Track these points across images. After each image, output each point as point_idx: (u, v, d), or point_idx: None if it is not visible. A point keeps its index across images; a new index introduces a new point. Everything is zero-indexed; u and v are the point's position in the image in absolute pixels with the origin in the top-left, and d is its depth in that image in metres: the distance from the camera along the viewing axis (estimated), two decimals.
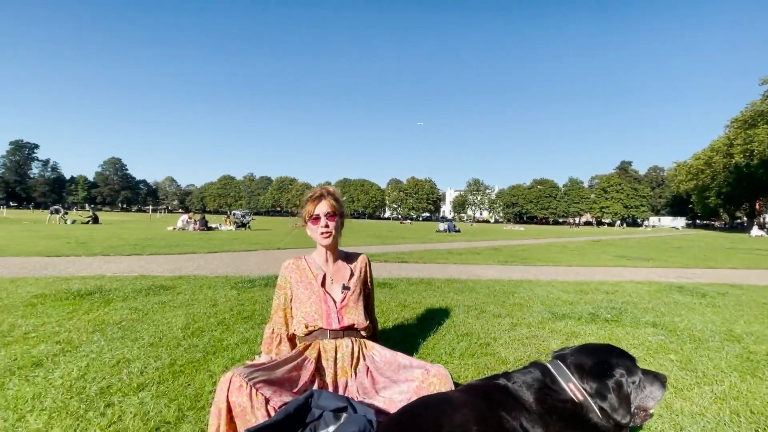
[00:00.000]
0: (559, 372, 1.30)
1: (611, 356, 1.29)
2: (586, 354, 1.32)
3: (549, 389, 1.27)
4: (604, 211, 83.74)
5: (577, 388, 1.25)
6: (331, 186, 1.88)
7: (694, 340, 2.83)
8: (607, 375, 1.23)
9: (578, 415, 1.21)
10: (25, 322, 2.82)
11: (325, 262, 1.86)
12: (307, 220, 1.79)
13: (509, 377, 1.35)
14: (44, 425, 1.53)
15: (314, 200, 1.78)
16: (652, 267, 7.84)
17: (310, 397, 1.35)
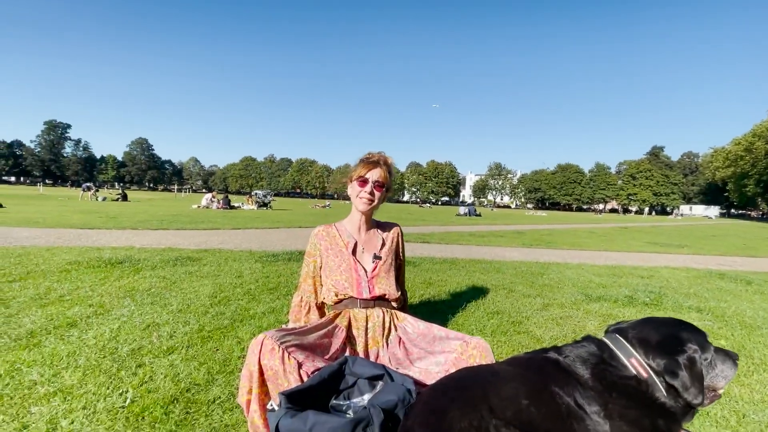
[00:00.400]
0: (619, 346, 1.18)
1: (681, 330, 1.16)
2: (651, 327, 1.19)
3: (607, 365, 1.16)
4: (632, 198, 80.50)
5: (641, 364, 1.13)
6: (390, 157, 1.78)
7: (745, 327, 2.63)
8: (678, 351, 1.11)
9: (643, 393, 1.10)
10: (60, 286, 2.88)
11: (357, 230, 1.78)
12: (354, 179, 1.71)
13: (560, 351, 1.24)
14: (78, 381, 1.54)
15: (369, 164, 1.70)
16: (688, 254, 7.46)
17: (344, 363, 1.29)
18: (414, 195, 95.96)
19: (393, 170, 1.77)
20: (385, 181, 1.71)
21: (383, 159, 1.73)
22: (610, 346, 1.20)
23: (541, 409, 1.06)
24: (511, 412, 1.01)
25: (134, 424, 1.28)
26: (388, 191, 1.76)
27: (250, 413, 1.23)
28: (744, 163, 51.33)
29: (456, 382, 1.11)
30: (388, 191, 1.76)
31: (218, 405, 1.42)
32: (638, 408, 1.08)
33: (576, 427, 1.08)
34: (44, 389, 1.46)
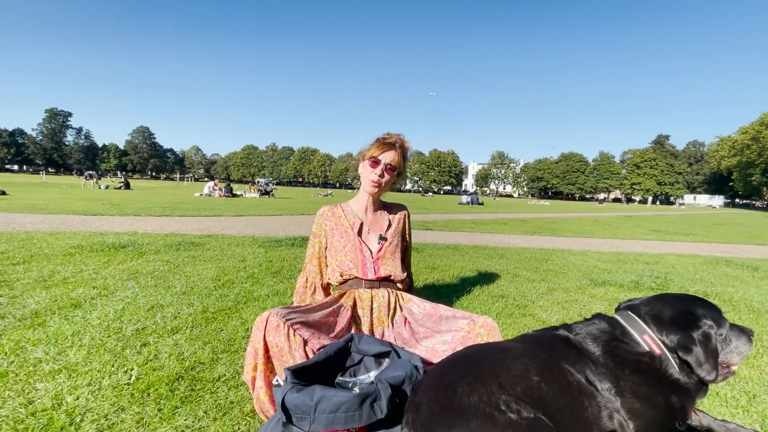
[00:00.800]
0: (631, 323, 1.16)
1: (695, 306, 1.13)
2: (664, 303, 1.17)
3: (619, 341, 1.13)
4: (635, 187, 79.88)
5: (654, 341, 1.10)
6: (408, 141, 1.72)
7: (753, 311, 2.60)
8: (692, 326, 1.08)
9: (656, 370, 1.08)
10: (64, 269, 2.88)
11: (363, 210, 1.75)
12: (366, 158, 1.65)
13: (570, 329, 1.22)
14: (83, 359, 1.53)
15: (384, 145, 1.64)
16: (693, 242, 7.41)
17: (350, 340, 1.27)
18: (416, 184, 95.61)
19: (408, 154, 1.72)
20: (397, 165, 1.65)
21: (400, 142, 1.67)
22: (622, 323, 1.18)
23: (552, 385, 1.04)
24: (521, 388, 0.99)
25: (139, 400, 1.27)
26: (399, 176, 1.71)
27: (256, 390, 1.22)
28: (750, 153, 50.75)
29: (465, 358, 1.09)
30: (400, 176, 1.72)
31: (223, 383, 1.41)
32: (651, 385, 1.06)
33: (587, 403, 1.06)
34: (49, 367, 1.46)
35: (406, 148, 1.70)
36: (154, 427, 1.13)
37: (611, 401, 1.07)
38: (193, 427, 1.14)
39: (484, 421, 0.87)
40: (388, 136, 1.69)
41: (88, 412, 1.19)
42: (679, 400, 1.08)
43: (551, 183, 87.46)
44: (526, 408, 0.94)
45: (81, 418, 1.16)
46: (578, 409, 1.04)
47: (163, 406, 1.24)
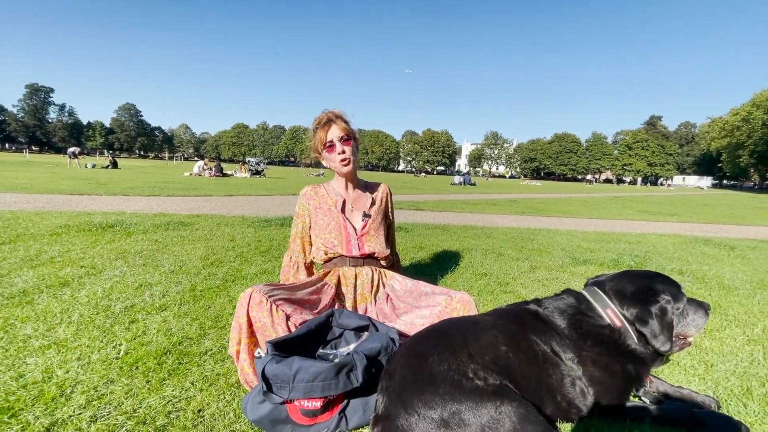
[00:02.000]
0: (596, 298, 1.23)
1: (655, 281, 1.20)
2: (628, 280, 1.23)
3: (584, 315, 1.20)
4: (626, 168, 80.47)
5: (615, 314, 1.17)
6: (336, 109, 1.69)
7: (723, 288, 2.72)
8: (651, 300, 1.15)
9: (615, 341, 1.15)
10: (51, 249, 2.88)
11: (344, 188, 1.76)
12: (322, 149, 1.65)
13: (540, 303, 1.29)
14: (72, 335, 1.57)
15: (324, 126, 1.63)
16: (677, 222, 7.58)
17: (330, 315, 1.32)
18: (410, 164, 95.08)
19: (348, 117, 1.69)
20: (348, 133, 1.64)
21: (332, 113, 1.66)
22: (588, 297, 1.24)
23: (519, 355, 1.10)
24: (490, 358, 1.06)
25: (128, 373, 1.32)
26: (356, 141, 1.70)
27: (240, 362, 1.27)
28: (740, 134, 51.18)
29: (438, 330, 1.15)
30: (357, 140, 1.71)
31: (210, 356, 1.46)
32: (610, 355, 1.14)
33: (552, 371, 1.13)
34: (38, 342, 1.50)
35: (339, 114, 1.67)
36: (143, 398, 1.18)
37: (574, 370, 1.14)
38: (180, 397, 1.19)
39: (452, 388, 0.94)
40: (319, 118, 1.67)
41: (78, 384, 1.24)
42: (635, 368, 1.16)
43: (544, 164, 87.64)
44: (492, 375, 1.00)
45: (71, 389, 1.21)
46: (543, 377, 1.11)
47: (151, 378, 1.29)
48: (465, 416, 0.89)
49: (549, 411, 1.10)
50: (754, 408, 1.26)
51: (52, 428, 1.03)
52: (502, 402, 0.92)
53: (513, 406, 0.91)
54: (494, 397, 0.93)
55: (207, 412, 1.13)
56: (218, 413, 1.13)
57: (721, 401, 1.28)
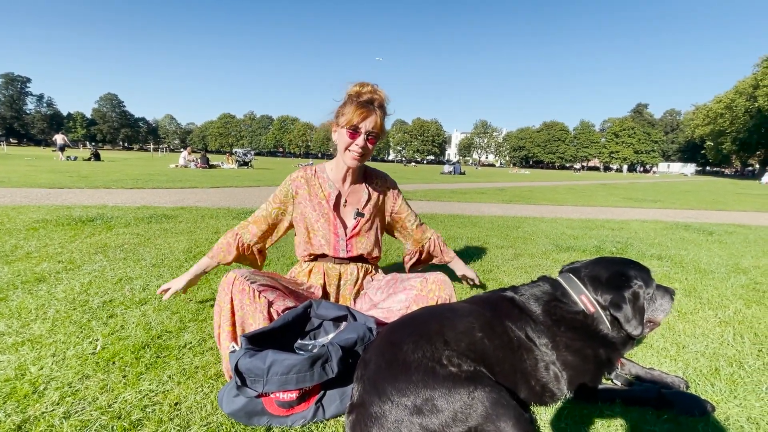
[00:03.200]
0: (571, 284, 1.25)
1: (628, 268, 1.23)
2: (602, 266, 1.26)
3: (558, 301, 1.22)
4: (614, 156, 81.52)
5: (589, 300, 1.20)
6: (383, 91, 1.47)
7: (699, 272, 2.80)
8: (624, 286, 1.18)
9: (588, 326, 1.18)
10: (28, 244, 2.81)
11: (341, 180, 1.57)
12: (343, 125, 1.42)
13: (516, 290, 1.31)
14: (48, 332, 1.54)
15: (363, 109, 1.39)
16: (660, 208, 7.74)
17: (308, 307, 1.32)
18: (399, 154, 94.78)
19: (386, 112, 1.50)
20: (379, 131, 1.44)
21: (378, 99, 1.44)
22: (563, 284, 1.26)
23: (494, 341, 1.12)
24: (465, 344, 1.07)
25: (104, 368, 1.30)
26: (381, 140, 1.53)
27: (222, 348, 1.27)
28: (723, 121, 52.13)
29: (414, 318, 1.16)
30: (382, 140, 1.54)
31: (189, 349, 1.45)
32: (582, 340, 1.16)
33: (526, 357, 1.15)
34: (12, 339, 1.47)
35: (385, 107, 1.47)
36: (119, 392, 1.17)
37: (548, 355, 1.17)
38: (156, 391, 1.18)
39: (426, 375, 0.95)
40: (361, 89, 1.44)
41: (51, 380, 1.22)
42: (607, 353, 1.19)
43: (532, 152, 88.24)
44: (467, 362, 1.02)
45: (45, 386, 1.19)
46: (517, 362, 1.13)
47: (127, 373, 1.28)
48: (438, 402, 0.90)
49: (523, 395, 1.13)
50: (720, 387, 1.30)
51: (23, 425, 1.02)
52: (475, 387, 0.93)
53: (486, 391, 0.93)
54: (467, 383, 0.94)
55: (184, 405, 1.13)
56: (195, 406, 1.12)
57: (690, 381, 1.32)
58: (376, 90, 1.46)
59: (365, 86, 1.45)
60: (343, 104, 1.45)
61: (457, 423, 0.89)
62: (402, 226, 1.78)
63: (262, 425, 1.04)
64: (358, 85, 1.46)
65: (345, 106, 1.43)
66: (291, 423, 1.05)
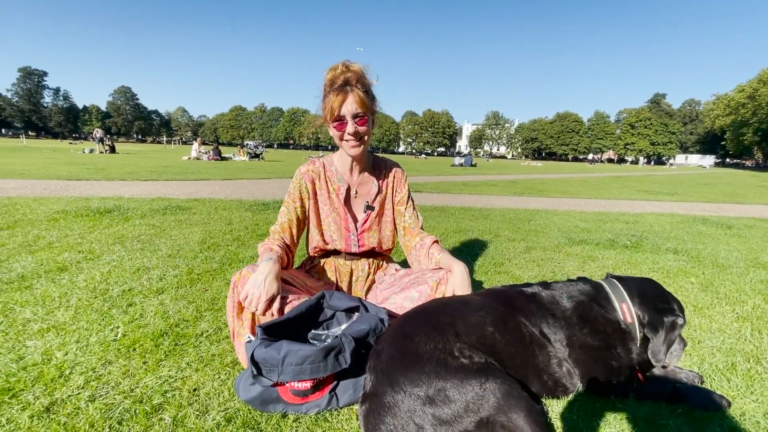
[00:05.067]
0: (614, 290, 1.22)
1: (674, 299, 1.21)
2: (651, 286, 1.24)
3: (595, 302, 1.20)
4: (629, 147, 79.61)
5: (629, 311, 1.17)
6: (355, 64, 1.35)
7: (717, 266, 2.74)
8: (667, 312, 1.15)
9: (617, 335, 1.16)
10: (49, 234, 2.90)
11: (348, 171, 1.53)
12: (330, 120, 1.36)
13: (548, 286, 1.29)
14: (71, 319, 1.60)
15: (337, 92, 1.31)
16: (676, 201, 7.56)
17: (321, 298, 1.34)
18: (410, 146, 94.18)
19: (368, 83, 1.38)
20: (364, 109, 1.33)
21: (353, 76, 1.32)
22: (606, 287, 1.24)
23: (505, 335, 1.12)
24: (476, 338, 1.07)
25: (125, 354, 1.35)
26: (373, 115, 1.42)
27: (236, 341, 1.29)
28: (745, 111, 50.37)
29: (426, 310, 1.17)
30: (374, 115, 1.43)
31: (205, 338, 1.49)
32: (605, 345, 1.15)
33: (538, 352, 1.15)
34: (38, 326, 1.52)
35: (363, 79, 1.35)
36: (140, 378, 1.21)
37: (561, 351, 1.16)
38: (176, 377, 1.22)
39: (438, 366, 0.96)
40: (334, 74, 1.34)
41: (76, 365, 1.27)
42: (626, 365, 1.17)
43: (545, 144, 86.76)
44: (478, 354, 1.02)
45: (70, 371, 1.24)
46: (528, 357, 1.13)
47: (148, 359, 1.32)
48: (450, 393, 0.91)
49: (535, 389, 1.13)
50: (737, 382, 1.28)
51: (51, 408, 1.06)
52: (486, 379, 0.94)
53: (498, 382, 0.94)
54: (479, 375, 0.95)
55: (202, 390, 1.16)
56: (213, 392, 1.16)
57: (705, 377, 1.31)
58: (349, 67, 1.34)
59: (336, 68, 1.34)
60: (323, 97, 1.38)
61: (469, 413, 0.90)
62: (398, 219, 1.65)
63: (277, 412, 1.06)
64: (330, 70, 1.36)
65: (325, 99, 1.37)
66: (306, 410, 1.07)
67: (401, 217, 1.64)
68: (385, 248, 1.62)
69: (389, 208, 1.62)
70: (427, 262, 1.53)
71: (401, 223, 1.64)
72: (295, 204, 1.53)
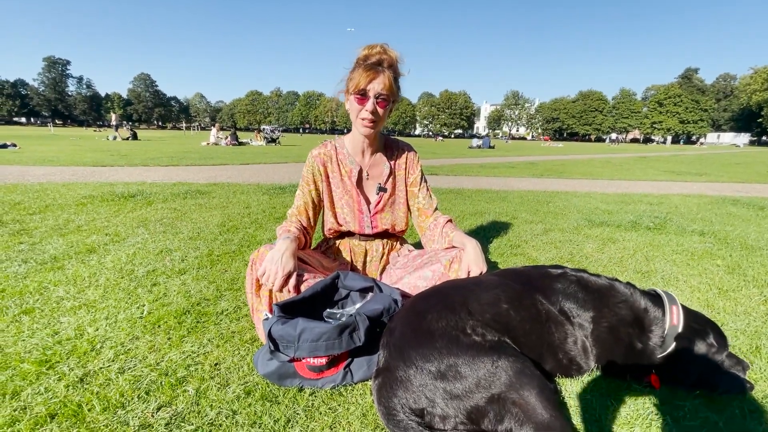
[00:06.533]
0: (668, 296, 1.18)
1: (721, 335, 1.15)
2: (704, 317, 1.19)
3: (643, 292, 1.18)
4: (656, 126, 76.12)
5: (678, 315, 1.12)
6: (393, 50, 1.37)
7: (746, 248, 2.63)
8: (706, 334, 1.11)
9: (652, 324, 1.12)
10: (78, 218, 3.03)
11: (360, 153, 1.54)
12: (352, 92, 1.36)
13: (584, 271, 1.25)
14: (100, 297, 1.68)
15: (369, 70, 1.32)
16: (706, 182, 7.25)
17: (336, 278, 1.36)
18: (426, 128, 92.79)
19: (399, 72, 1.40)
20: (389, 92, 1.35)
21: (388, 59, 1.35)
22: (659, 290, 1.21)
23: (520, 312, 1.12)
24: (490, 315, 1.08)
25: (151, 330, 1.42)
26: (394, 102, 1.43)
27: (255, 317, 1.34)
28: None
29: (439, 290, 1.17)
30: (395, 102, 1.43)
31: (225, 316, 1.54)
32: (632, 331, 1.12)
33: (554, 330, 1.14)
34: (70, 303, 1.61)
35: (396, 67, 1.38)
36: (165, 352, 1.27)
37: (582, 328, 1.14)
38: (198, 352, 1.28)
39: (450, 342, 0.97)
40: (369, 52, 1.36)
41: (106, 340, 1.34)
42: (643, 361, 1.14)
43: (567, 123, 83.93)
44: (491, 332, 1.03)
45: (101, 345, 1.31)
46: (544, 334, 1.13)
47: (172, 336, 1.38)
48: (462, 369, 0.92)
49: (549, 367, 1.13)
50: (760, 365, 1.25)
51: (85, 378, 1.13)
52: (499, 357, 0.94)
53: (510, 360, 0.94)
54: (491, 352, 0.95)
55: (223, 365, 1.21)
56: (233, 367, 1.21)
57: None
58: (386, 50, 1.36)
59: (374, 47, 1.36)
60: (351, 70, 1.39)
61: (480, 389, 0.91)
62: (411, 201, 1.66)
63: (294, 386, 1.10)
64: (367, 47, 1.36)
65: (353, 72, 1.37)
66: (321, 385, 1.11)
67: (415, 199, 1.64)
68: (399, 229, 1.64)
69: (402, 189, 1.62)
70: (441, 240, 1.54)
71: (415, 204, 1.64)
72: (309, 187, 1.55)
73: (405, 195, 1.63)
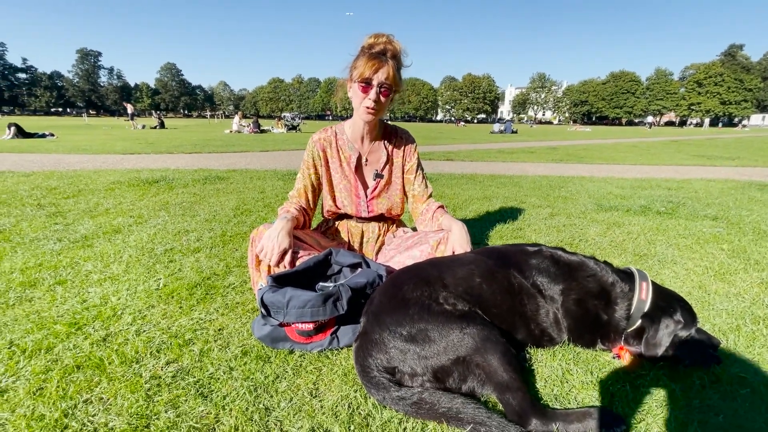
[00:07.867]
0: (641, 273, 1.22)
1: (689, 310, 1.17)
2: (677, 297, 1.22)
3: (615, 269, 1.22)
4: (693, 108, 71.72)
5: (647, 292, 1.15)
6: (397, 42, 1.41)
7: (758, 233, 2.57)
8: (672, 310, 1.14)
9: (619, 300, 1.16)
10: (106, 201, 3.26)
11: (360, 140, 1.60)
12: (356, 79, 1.40)
13: (563, 249, 1.30)
14: (123, 271, 1.86)
15: (373, 60, 1.36)
16: (736, 166, 6.91)
17: (329, 254, 1.47)
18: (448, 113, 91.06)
19: (402, 64, 1.45)
20: (392, 82, 1.39)
21: (392, 49, 1.39)
22: (633, 268, 1.24)
23: (492, 286, 1.19)
24: (462, 288, 1.16)
25: (165, 300, 1.57)
26: (396, 92, 1.47)
27: (255, 289, 1.47)
28: None
29: (418, 266, 1.26)
30: (397, 92, 1.47)
31: (232, 289, 1.69)
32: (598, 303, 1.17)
33: (526, 301, 1.21)
34: (97, 276, 1.80)
35: (399, 57, 1.42)
36: (176, 319, 1.43)
37: (554, 302, 1.20)
38: (205, 320, 1.43)
39: (422, 310, 1.06)
40: (375, 41, 1.40)
41: (126, 308, 1.51)
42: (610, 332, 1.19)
43: (596, 107, 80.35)
44: (462, 303, 1.11)
45: (122, 311, 1.48)
46: (516, 306, 1.20)
47: (183, 305, 1.53)
48: (431, 334, 1.02)
49: (520, 337, 1.20)
50: (736, 342, 1.28)
51: (107, 338, 1.29)
52: (468, 324, 1.03)
53: (477, 328, 1.02)
54: (461, 320, 1.04)
55: (225, 330, 1.35)
56: (234, 332, 1.34)
57: None
58: (391, 41, 1.40)
59: (380, 37, 1.40)
60: (356, 58, 1.43)
61: (448, 352, 1.00)
62: (407, 188, 1.73)
63: (285, 349, 1.23)
64: (373, 36, 1.41)
65: (357, 60, 1.41)
66: (310, 349, 1.23)
67: (410, 185, 1.71)
68: (395, 213, 1.72)
69: (398, 176, 1.68)
70: (431, 224, 1.63)
71: (410, 191, 1.72)
72: (309, 171, 1.64)
73: (401, 181, 1.69)
